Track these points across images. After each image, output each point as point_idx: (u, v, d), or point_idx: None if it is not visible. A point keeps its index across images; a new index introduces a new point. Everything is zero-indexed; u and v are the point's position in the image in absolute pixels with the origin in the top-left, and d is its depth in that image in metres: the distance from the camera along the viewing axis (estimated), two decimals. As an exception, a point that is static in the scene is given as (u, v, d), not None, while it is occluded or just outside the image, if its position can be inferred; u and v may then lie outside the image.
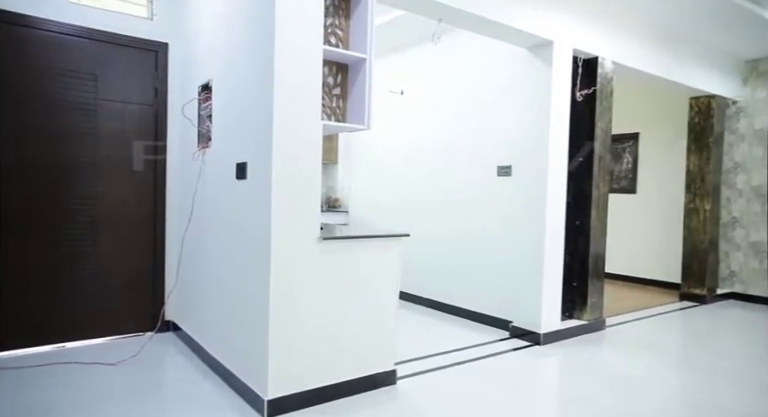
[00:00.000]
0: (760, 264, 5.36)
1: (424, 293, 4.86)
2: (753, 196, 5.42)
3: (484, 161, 4.28)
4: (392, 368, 2.83)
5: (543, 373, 3.32)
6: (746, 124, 5.47)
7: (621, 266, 6.44)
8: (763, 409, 2.70)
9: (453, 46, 4.50)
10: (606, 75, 4.09)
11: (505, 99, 4.11)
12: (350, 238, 2.64)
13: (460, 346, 3.59)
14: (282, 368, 2.41)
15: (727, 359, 3.68)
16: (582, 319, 4.08)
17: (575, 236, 4.09)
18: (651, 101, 6.15)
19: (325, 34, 2.58)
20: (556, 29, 3.67)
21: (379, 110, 5.30)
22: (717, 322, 4.70)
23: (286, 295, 2.40)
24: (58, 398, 2.54)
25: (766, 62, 5.37)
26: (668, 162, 6.07)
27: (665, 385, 3.13)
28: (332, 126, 2.65)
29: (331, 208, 6.38)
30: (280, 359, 2.39)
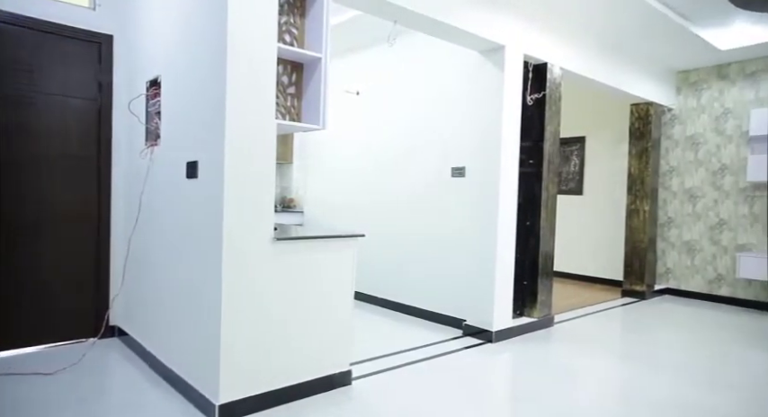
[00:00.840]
0: (691, 261, 5.73)
1: (379, 293, 4.88)
2: (685, 198, 5.78)
3: (438, 162, 4.34)
4: (348, 368, 2.83)
5: (495, 370, 3.41)
6: (680, 130, 5.83)
7: (569, 265, 6.71)
8: (699, 396, 2.88)
9: (409, 48, 4.54)
10: (555, 81, 4.25)
11: (459, 101, 4.19)
12: (304, 239, 2.61)
13: (415, 345, 3.63)
14: (235, 372, 2.35)
15: (664, 350, 3.91)
16: (532, 316, 4.22)
17: (525, 236, 4.22)
18: (596, 106, 6.44)
19: (280, 32, 2.54)
20: (508, 34, 3.77)
21: (335, 110, 5.28)
22: (654, 316, 4.98)
23: (238, 296, 2.35)
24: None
25: (696, 73, 5.74)
26: (612, 165, 6.38)
27: (609, 378, 3.29)
28: (286, 125, 2.61)
29: (286, 208, 6.30)
30: (232, 363, 2.34)
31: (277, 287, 2.49)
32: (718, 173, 5.54)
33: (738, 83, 5.42)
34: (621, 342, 4.29)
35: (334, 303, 2.76)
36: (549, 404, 2.71)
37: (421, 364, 3.26)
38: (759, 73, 5.29)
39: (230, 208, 2.30)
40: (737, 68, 5.43)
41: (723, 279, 5.50)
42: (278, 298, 2.50)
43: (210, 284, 2.38)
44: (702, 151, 5.66)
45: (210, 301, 2.38)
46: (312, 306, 2.65)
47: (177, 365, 2.70)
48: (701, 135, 5.68)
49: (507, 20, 3.76)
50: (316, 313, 2.67)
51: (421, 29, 3.53)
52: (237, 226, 2.33)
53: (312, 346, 2.66)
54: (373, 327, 4.17)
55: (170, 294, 2.83)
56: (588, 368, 3.37)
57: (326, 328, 2.73)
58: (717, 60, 5.43)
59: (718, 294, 5.53)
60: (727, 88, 5.50)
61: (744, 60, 5.36)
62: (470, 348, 3.66)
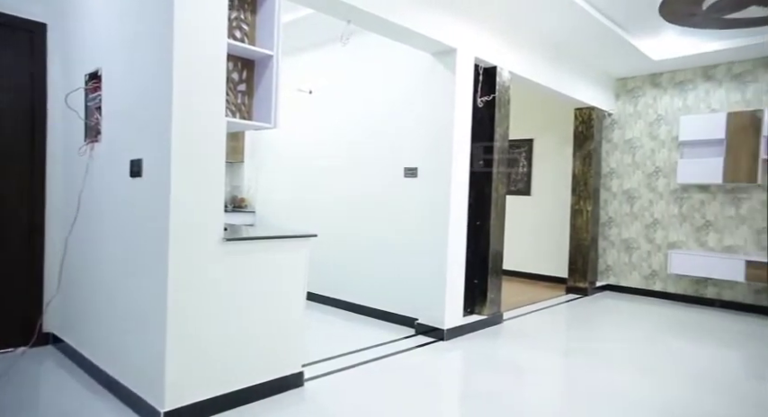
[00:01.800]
0: (629, 259, 6.06)
1: (332, 293, 4.86)
2: (624, 198, 6.11)
3: (391, 162, 4.37)
4: (299, 369, 2.80)
5: (447, 367, 3.47)
6: (619, 134, 6.16)
7: (517, 263, 6.93)
8: (634, 385, 3.06)
9: (362, 48, 4.55)
10: (504, 84, 4.38)
11: (412, 102, 4.24)
12: (255, 239, 2.56)
13: (367, 345, 3.64)
14: (182, 377, 2.27)
15: (604, 344, 4.11)
16: (482, 314, 4.33)
17: (476, 236, 4.32)
18: (543, 110, 6.69)
19: (230, 28, 2.48)
20: (459, 37, 3.85)
21: (288, 108, 5.19)
22: (596, 312, 5.24)
23: (186, 299, 2.27)
24: None
25: (632, 81, 6.09)
26: (558, 166, 6.64)
27: (555, 372, 3.43)
28: (237, 123, 2.55)
29: (237, 208, 6.15)
30: (178, 368, 2.26)
31: (227, 288, 2.43)
32: (653, 175, 5.89)
33: (669, 91, 5.79)
34: (566, 337, 4.47)
35: (286, 304, 2.72)
36: (498, 399, 2.78)
37: (374, 363, 3.27)
38: (686, 82, 5.67)
39: (177, 208, 2.22)
40: (668, 77, 5.80)
41: (657, 274, 5.85)
42: (227, 300, 2.44)
43: (156, 286, 2.28)
44: (639, 154, 6.00)
45: (156, 304, 2.29)
46: (263, 308, 2.60)
47: (120, 372, 2.58)
48: (637, 139, 6.02)
49: (459, 23, 3.84)
50: (267, 314, 2.62)
51: (374, 29, 3.54)
52: (185, 227, 2.25)
53: (263, 348, 2.61)
54: (326, 327, 4.14)
55: (112, 298, 2.70)
56: (535, 363, 3.50)
57: (278, 329, 2.69)
58: (651, 69, 5.77)
59: (652, 289, 5.88)
60: (659, 96, 5.86)
61: (674, 70, 5.73)
62: (422, 346, 3.71)
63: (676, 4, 3.94)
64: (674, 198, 5.74)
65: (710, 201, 5.49)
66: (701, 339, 4.35)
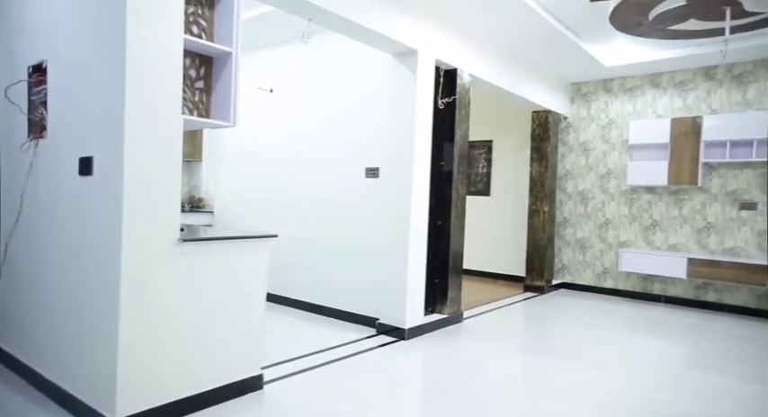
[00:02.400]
0: (583, 257, 6.29)
1: (293, 294, 4.80)
2: (578, 199, 6.34)
3: (352, 162, 4.37)
4: (259, 372, 2.75)
5: (408, 366, 3.50)
6: (574, 137, 6.39)
7: (477, 262, 7.06)
8: (589, 378, 3.17)
9: (324, 47, 4.52)
10: (464, 86, 4.46)
11: (373, 102, 4.24)
12: (213, 240, 2.50)
13: (329, 346, 3.62)
14: (135, 383, 2.19)
15: (560, 340, 4.25)
16: (443, 313, 4.38)
17: (436, 236, 4.38)
18: (502, 112, 6.84)
19: (187, 23, 2.41)
20: (420, 39, 3.89)
21: (247, 107, 5.10)
22: (552, 309, 5.41)
23: (140, 303, 2.19)
24: None
25: (586, 86, 6.32)
26: (516, 167, 6.81)
27: (513, 368, 3.51)
28: (194, 121, 2.48)
29: (194, 208, 5.98)
30: (131, 374, 2.18)
31: (183, 290, 2.36)
32: (605, 177, 6.13)
33: (620, 96, 6.05)
34: (524, 334, 4.60)
35: (245, 306, 2.67)
36: (458, 397, 2.83)
37: (335, 364, 3.26)
38: (635, 88, 5.94)
39: (130, 208, 2.14)
40: (619, 83, 6.06)
41: (608, 272, 6.10)
42: (184, 303, 2.37)
43: (107, 290, 2.19)
44: (592, 157, 6.24)
45: (107, 309, 2.19)
46: (221, 310, 2.54)
47: (67, 381, 2.46)
48: (590, 142, 6.26)
49: (420, 25, 3.88)
50: (225, 316, 2.57)
51: (336, 29, 3.53)
52: (139, 228, 2.17)
53: (222, 351, 2.55)
54: (287, 329, 4.09)
55: (58, 303, 2.57)
56: (494, 361, 3.57)
57: (237, 332, 2.63)
58: (603, 75, 6.01)
59: (604, 286, 6.13)
60: (611, 101, 6.12)
61: (624, 76, 5.99)
62: (384, 346, 3.72)
63: (625, 13, 4.13)
64: (624, 199, 6.00)
65: (657, 202, 5.77)
66: (650, 333, 4.56)
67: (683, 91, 5.62)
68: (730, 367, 3.63)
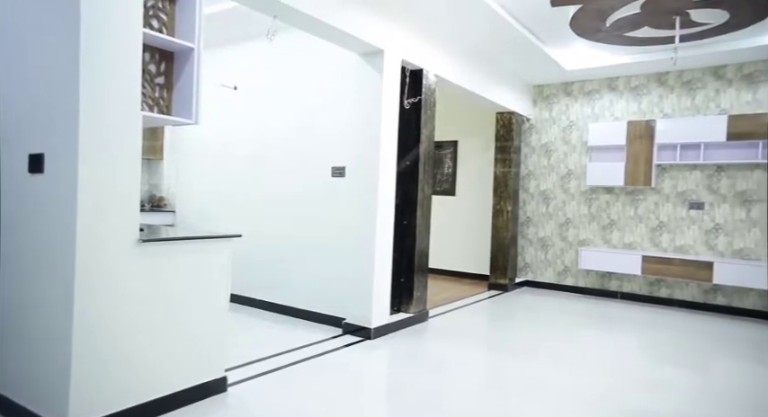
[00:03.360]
0: (545, 256, 6.47)
1: (258, 295, 4.74)
2: (541, 199, 6.51)
3: (319, 161, 4.34)
4: (223, 374, 2.70)
5: (374, 366, 3.51)
6: (536, 138, 6.55)
7: (442, 261, 7.15)
8: (549, 374, 3.27)
9: (290, 45, 4.48)
10: (430, 87, 4.51)
11: (340, 101, 4.23)
12: (174, 240, 2.44)
13: (295, 346, 3.59)
14: (90, 390, 2.11)
15: (523, 337, 4.36)
16: (408, 312, 4.42)
17: (402, 235, 4.41)
18: (467, 112, 6.95)
19: (146, 16, 2.35)
20: (387, 39, 3.91)
21: (211, 104, 4.99)
22: (515, 307, 5.53)
23: (95, 305, 2.12)
24: None
25: (548, 88, 6.50)
26: (481, 168, 6.93)
27: (478, 365, 3.58)
28: (154, 118, 2.42)
29: (155, 207, 5.82)
30: (86, 380, 2.10)
31: (143, 292, 2.29)
32: (566, 177, 6.32)
33: (580, 99, 6.25)
34: (488, 332, 4.69)
35: (208, 307, 2.62)
36: (423, 396, 2.86)
37: (300, 365, 3.24)
38: (594, 92, 6.15)
39: (86, 208, 2.07)
40: (579, 86, 6.26)
41: (568, 270, 6.29)
42: (144, 305, 2.30)
43: (60, 293, 2.11)
44: (554, 158, 6.42)
45: (60, 313, 2.11)
46: (183, 312, 2.49)
47: (13, 390, 2.34)
48: (552, 143, 6.44)
49: (386, 25, 3.90)
50: (187, 318, 2.51)
51: (301, 27, 3.50)
52: (95, 228, 2.10)
53: (183, 353, 2.50)
54: (252, 330, 4.03)
55: (6, 307, 2.45)
56: (459, 359, 3.63)
57: (199, 334, 2.58)
58: (564, 78, 6.19)
59: (564, 284, 6.31)
60: (571, 103, 6.31)
61: (583, 80, 6.19)
62: (350, 346, 3.72)
63: (584, 19, 4.27)
64: (584, 198, 6.20)
65: (614, 202, 5.99)
66: (607, 329, 4.73)
67: (638, 95, 5.85)
68: (680, 359, 3.81)
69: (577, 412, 2.70)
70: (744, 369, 3.63)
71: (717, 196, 5.38)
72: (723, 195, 5.35)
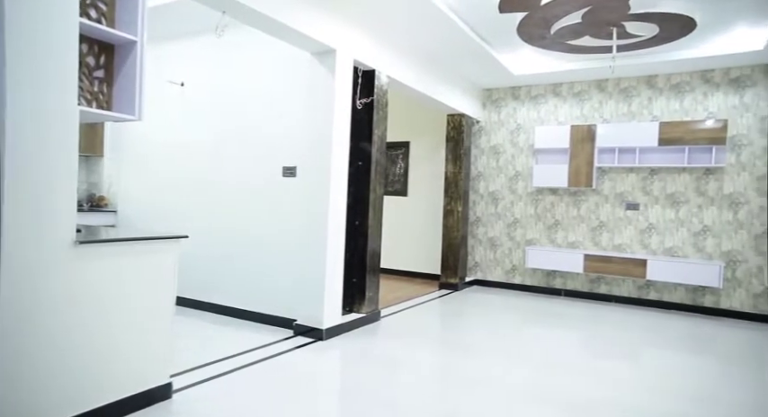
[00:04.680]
0: (494, 255, 6.65)
1: (207, 297, 4.60)
2: (490, 199, 6.70)
3: (269, 161, 4.27)
4: (167, 381, 2.61)
5: (325, 366, 3.49)
6: (486, 140, 6.73)
7: (394, 261, 7.21)
8: (502, 372, 3.36)
9: (240, 42, 4.38)
10: (382, 87, 4.53)
11: (291, 100, 4.18)
12: (115, 241, 2.33)
13: (244, 349, 3.52)
14: (15, 404, 1.98)
15: (473, 334, 4.46)
16: (360, 312, 4.43)
17: (354, 235, 4.41)
18: (419, 114, 7.04)
19: (84, 5, 2.23)
20: (339, 39, 3.90)
21: (156, 101, 4.81)
22: (465, 305, 5.66)
23: (25, 311, 1.99)
24: None
25: (496, 92, 6.70)
26: (432, 168, 7.04)
27: (429, 363, 3.63)
28: (93, 113, 2.30)
29: (95, 207, 5.52)
30: (12, 393, 1.97)
31: (79, 297, 2.17)
32: (514, 178, 6.53)
33: (527, 103, 6.48)
34: (438, 331, 4.77)
35: (152, 311, 2.52)
36: (375, 395, 2.87)
37: (250, 368, 3.17)
38: (539, 96, 6.39)
39: (14, 208, 1.93)
40: (526, 91, 6.49)
41: (516, 269, 6.50)
42: (80, 311, 2.18)
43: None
44: (502, 159, 6.62)
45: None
46: (125, 316, 2.38)
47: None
48: (500, 145, 6.63)
49: (339, 25, 3.89)
50: (129, 323, 2.40)
51: (251, 23, 3.43)
52: (25, 229, 1.97)
53: (125, 360, 2.39)
54: (200, 333, 3.91)
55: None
56: (411, 357, 3.67)
57: (142, 339, 2.47)
58: (511, 83, 6.40)
59: (512, 282, 6.52)
60: (518, 107, 6.53)
61: (530, 85, 6.43)
62: (301, 347, 3.68)
63: (530, 26, 4.44)
64: (530, 199, 6.42)
65: (559, 203, 6.25)
66: (551, 325, 4.93)
67: (580, 101, 6.14)
68: (618, 351, 4.03)
69: (525, 404, 2.80)
70: (675, 359, 3.89)
71: (650, 197, 5.73)
72: (656, 196, 5.70)
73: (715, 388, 3.23)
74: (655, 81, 5.72)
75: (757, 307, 5.21)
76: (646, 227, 5.75)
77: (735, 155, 5.32)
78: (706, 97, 5.47)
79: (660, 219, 5.68)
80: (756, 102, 5.25)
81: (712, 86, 5.45)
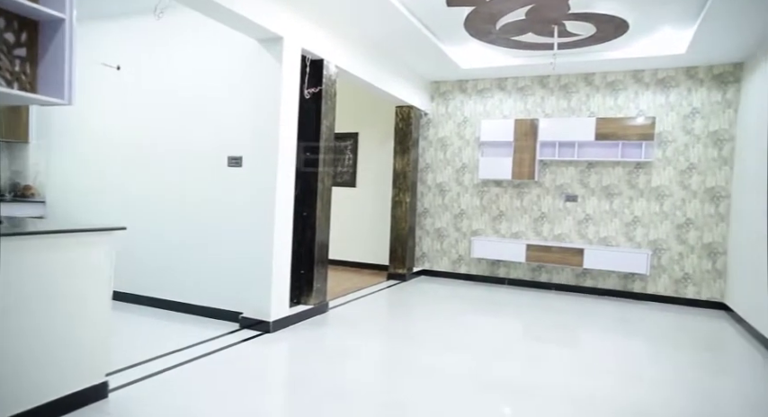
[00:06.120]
0: (441, 246, 6.79)
1: (148, 292, 4.40)
2: (437, 191, 6.81)
3: (213, 150, 4.13)
4: (103, 380, 2.49)
5: (272, 359, 3.45)
6: (433, 133, 6.83)
7: (343, 252, 7.20)
8: (447, 359, 3.44)
9: (182, 25, 4.18)
10: (331, 77, 4.48)
11: (237, 88, 4.05)
12: (42, 234, 2.18)
13: (187, 344, 3.41)
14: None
15: (419, 323, 4.54)
16: (308, 304, 4.39)
17: (302, 227, 4.36)
18: (368, 105, 7.03)
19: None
20: (286, 26, 3.81)
21: (89, 84, 4.53)
22: (413, 295, 5.75)
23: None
24: None
25: (444, 85, 6.80)
26: (381, 160, 7.06)
27: (377, 353, 3.67)
28: (13, 95, 2.12)
29: (20, 197, 5.15)
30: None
31: (3, 294, 2.02)
32: (460, 170, 6.67)
33: (473, 97, 6.61)
34: (386, 321, 4.82)
35: (85, 307, 2.39)
36: (324, 385, 2.87)
37: (193, 363, 3.08)
38: (485, 90, 6.55)
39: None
40: (473, 85, 6.62)
41: (462, 259, 6.67)
42: (5, 308, 2.03)
43: None
44: (449, 152, 6.74)
45: None
46: (56, 313, 2.24)
47: None
48: (448, 138, 6.75)
49: (286, 12, 3.80)
50: (61, 320, 2.26)
51: (193, 6, 3.28)
52: (-64, 220, 1.80)
53: (57, 360, 2.25)
54: (141, 329, 3.75)
55: None
56: (359, 347, 3.69)
57: (75, 337, 2.34)
58: (459, 76, 6.51)
59: (459, 272, 6.68)
60: (465, 100, 6.66)
61: (477, 79, 6.57)
62: (248, 340, 3.61)
63: (477, 21, 4.52)
64: (476, 191, 6.59)
65: (503, 194, 6.45)
66: (495, 313, 5.11)
67: (524, 95, 6.34)
68: (557, 336, 4.24)
69: (472, 391, 2.89)
70: (607, 341, 4.14)
71: (587, 189, 6.03)
72: (592, 189, 6.01)
73: (641, 367, 3.46)
74: (592, 78, 6.00)
75: (678, 292, 5.63)
76: (583, 218, 6.05)
77: (661, 151, 5.69)
78: (637, 95, 5.80)
79: (596, 210, 5.99)
80: (680, 102, 5.63)
81: (642, 86, 5.78)
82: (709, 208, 5.51)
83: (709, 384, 3.22)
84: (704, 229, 5.53)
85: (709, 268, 5.50)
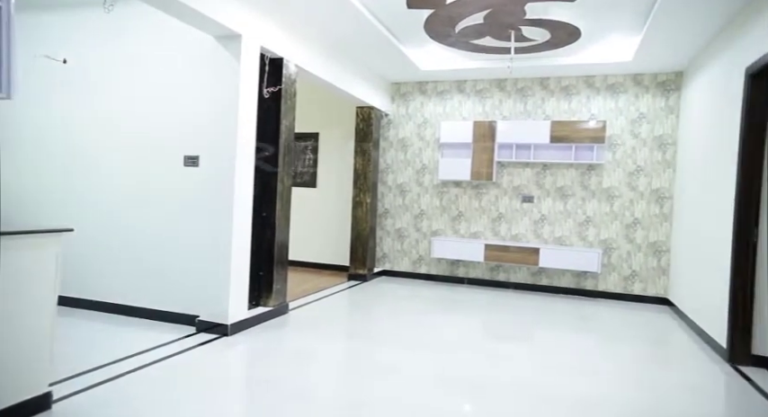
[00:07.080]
0: (401, 246, 6.83)
1: (101, 297, 4.21)
2: (398, 192, 6.85)
3: (169, 149, 4.00)
4: (46, 390, 2.36)
5: (231, 363, 3.37)
6: (394, 133, 6.86)
7: (303, 253, 7.12)
8: (408, 359, 3.46)
9: (134, 18, 4.03)
10: (291, 77, 4.43)
11: (193, 87, 3.94)
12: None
13: (140, 349, 3.28)
14: None
15: (380, 323, 4.55)
16: (268, 306, 4.32)
17: (261, 227, 4.28)
18: (329, 105, 6.99)
19: (-65, -38, 1.91)
20: (245, 24, 3.73)
21: (33, 78, 4.29)
22: (373, 295, 5.76)
23: None
24: None
25: (405, 86, 6.85)
26: (341, 160, 7.04)
27: (337, 354, 3.65)
28: (-53, 87, 1.98)
29: (-48, 198, 4.79)
30: None
31: (-68, 300, 1.88)
32: (420, 171, 6.73)
33: (433, 98, 6.69)
34: (346, 321, 4.80)
35: (28, 313, 2.25)
36: (285, 387, 2.83)
37: (145, 370, 2.97)
38: (445, 92, 6.64)
39: None
40: (432, 86, 6.70)
41: (422, 259, 6.73)
42: (-66, 315, 1.89)
43: None
44: (410, 153, 6.79)
45: None
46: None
47: None
48: (408, 139, 6.80)
49: (245, 9, 3.72)
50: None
51: (146, 0, 3.17)
52: None
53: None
54: (89, 336, 3.57)
55: None
56: (319, 348, 3.66)
57: (13, 346, 2.21)
58: (419, 78, 6.57)
59: (419, 272, 6.74)
60: (425, 102, 6.73)
61: (437, 81, 6.65)
62: (205, 344, 3.52)
63: (436, 24, 4.58)
64: (436, 192, 6.67)
65: (462, 195, 6.56)
66: (455, 312, 5.18)
67: (483, 98, 6.47)
68: (515, 333, 4.34)
69: (433, 389, 2.91)
70: (562, 338, 4.28)
71: (543, 190, 6.22)
72: (547, 190, 6.20)
73: (594, 361, 3.60)
74: (547, 83, 6.19)
75: (626, 289, 5.89)
76: (539, 218, 6.23)
77: (611, 153, 5.94)
78: (589, 100, 6.04)
79: (551, 211, 6.19)
80: (627, 107, 5.90)
81: (594, 90, 6.02)
82: (654, 208, 5.80)
83: (655, 375, 3.38)
84: (650, 229, 5.81)
85: (655, 265, 5.79)
